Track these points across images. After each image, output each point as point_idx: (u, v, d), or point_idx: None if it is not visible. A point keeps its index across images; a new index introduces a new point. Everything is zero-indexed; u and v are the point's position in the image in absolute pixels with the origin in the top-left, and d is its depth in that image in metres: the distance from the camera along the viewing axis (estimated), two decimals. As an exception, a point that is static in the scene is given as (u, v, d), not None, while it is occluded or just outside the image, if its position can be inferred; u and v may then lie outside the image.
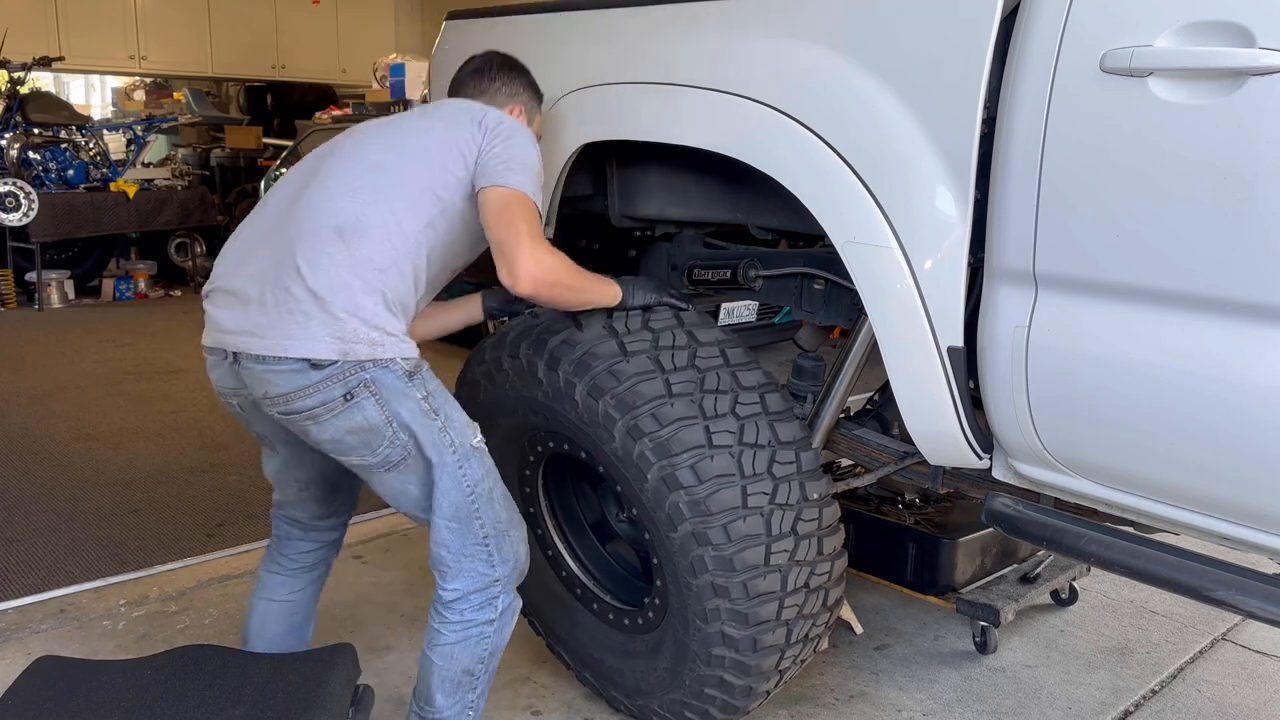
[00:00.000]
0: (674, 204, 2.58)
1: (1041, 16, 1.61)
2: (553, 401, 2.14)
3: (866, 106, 1.83)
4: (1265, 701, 2.58)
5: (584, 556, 2.50)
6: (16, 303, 7.75)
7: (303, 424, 1.90)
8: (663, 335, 2.10)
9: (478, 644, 1.97)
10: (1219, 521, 1.62)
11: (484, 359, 2.32)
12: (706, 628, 2.01)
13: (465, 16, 2.89)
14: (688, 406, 1.99)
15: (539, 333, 2.18)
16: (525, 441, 2.39)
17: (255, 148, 9.46)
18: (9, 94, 7.80)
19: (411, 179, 1.96)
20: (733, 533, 1.94)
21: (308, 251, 1.85)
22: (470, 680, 1.99)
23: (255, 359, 1.88)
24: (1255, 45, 1.39)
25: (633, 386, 2.01)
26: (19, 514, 3.66)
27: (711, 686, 2.08)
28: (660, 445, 1.96)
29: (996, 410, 1.79)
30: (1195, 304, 1.51)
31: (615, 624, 2.38)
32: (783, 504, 2.00)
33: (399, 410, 1.86)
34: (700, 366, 2.06)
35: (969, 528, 2.75)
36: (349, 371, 1.82)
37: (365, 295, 1.84)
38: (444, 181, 1.97)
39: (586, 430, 2.08)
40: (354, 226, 1.87)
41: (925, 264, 1.78)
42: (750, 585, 1.96)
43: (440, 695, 1.98)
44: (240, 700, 1.81)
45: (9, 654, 2.66)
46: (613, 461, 2.07)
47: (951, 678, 2.65)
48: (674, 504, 1.96)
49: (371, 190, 1.93)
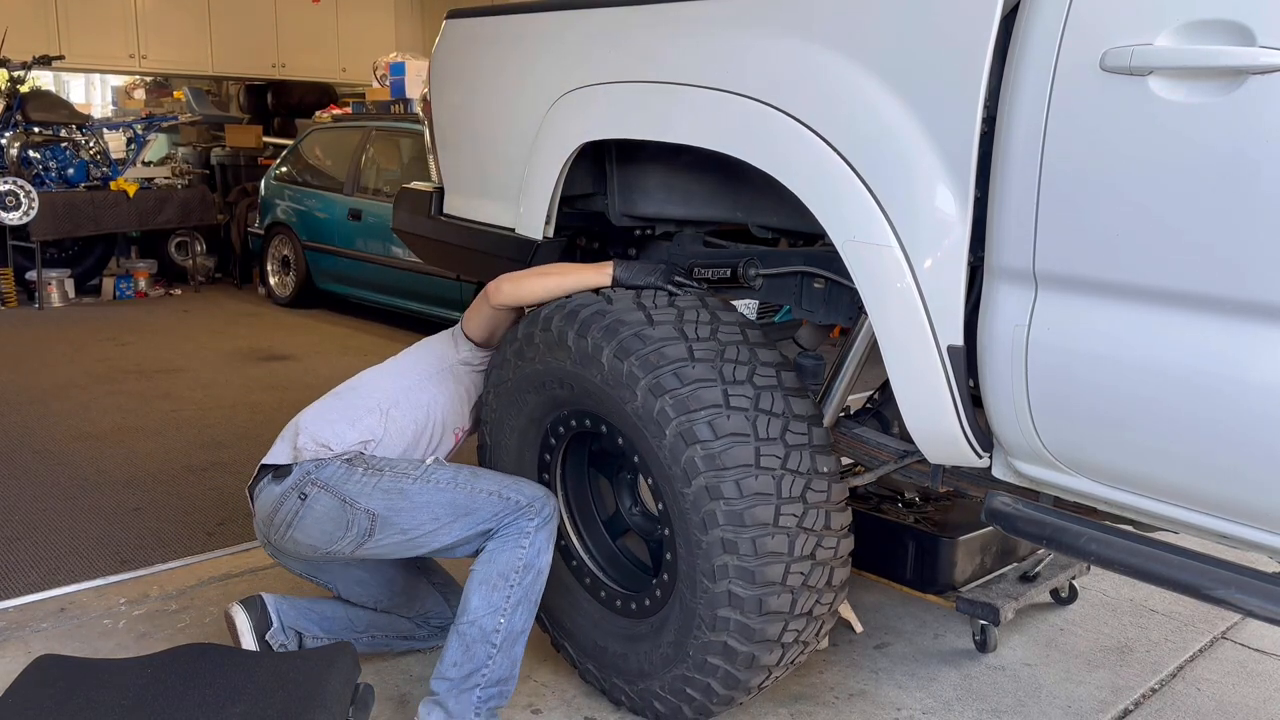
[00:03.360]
0: (674, 203, 2.58)
1: (1041, 15, 1.61)
2: (579, 367, 2.21)
3: (867, 105, 1.83)
4: (1265, 700, 2.58)
5: (594, 546, 2.52)
6: (17, 301, 7.75)
7: (292, 537, 2.26)
8: (687, 311, 2.20)
9: (513, 551, 2.19)
10: (1219, 520, 1.62)
11: (515, 338, 2.40)
12: (714, 587, 2.05)
13: (465, 16, 2.89)
14: (708, 370, 2.08)
15: (571, 308, 2.27)
16: (548, 423, 2.43)
17: (255, 147, 9.46)
18: (9, 93, 7.79)
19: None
20: (744, 488, 2.00)
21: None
22: (503, 583, 2.18)
23: (251, 491, 2.36)
24: (1255, 44, 1.39)
25: (658, 348, 2.10)
26: (19, 512, 3.66)
27: (715, 655, 2.10)
28: (680, 401, 2.04)
29: (996, 409, 1.79)
30: (1195, 303, 1.51)
31: (622, 610, 2.40)
32: (793, 470, 2.06)
33: (346, 489, 2.21)
34: (721, 339, 2.15)
35: (969, 526, 2.75)
36: (301, 476, 2.23)
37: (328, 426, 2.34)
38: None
39: (610, 392, 2.15)
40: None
41: (925, 262, 1.78)
42: (759, 543, 2.01)
43: (475, 598, 2.18)
44: (240, 699, 1.81)
45: (9, 653, 2.66)
46: (633, 423, 2.12)
47: (951, 676, 2.65)
48: (690, 458, 2.02)
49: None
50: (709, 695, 2.17)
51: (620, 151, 2.55)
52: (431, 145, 3.02)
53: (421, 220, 3.08)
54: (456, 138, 2.93)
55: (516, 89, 2.65)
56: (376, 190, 6.97)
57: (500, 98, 2.71)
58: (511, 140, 2.64)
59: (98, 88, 12.96)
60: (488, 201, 2.81)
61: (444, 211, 3.00)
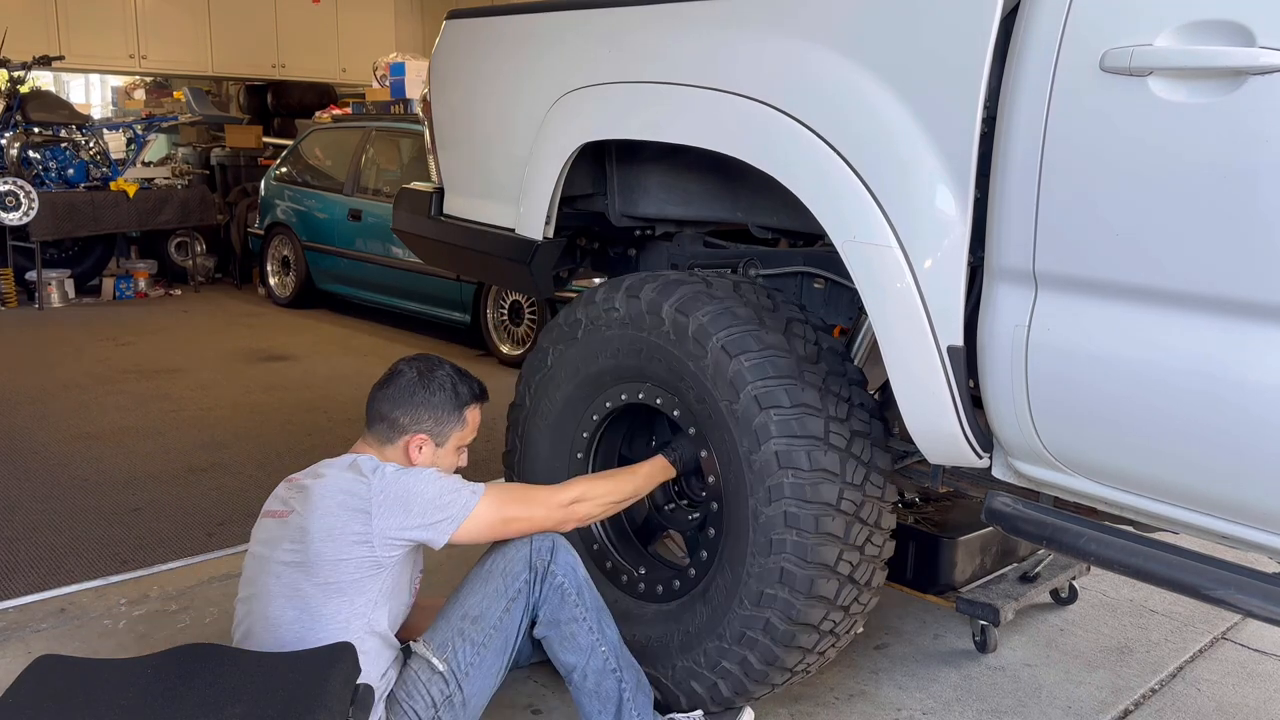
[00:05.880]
0: (674, 203, 2.59)
1: (1041, 16, 1.61)
2: (638, 329, 2.23)
3: (866, 105, 1.83)
4: (1265, 700, 2.58)
5: (613, 532, 2.51)
6: (17, 302, 7.75)
7: None
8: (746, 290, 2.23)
9: (559, 598, 2.12)
10: (1218, 520, 1.61)
11: (594, 299, 2.37)
12: (766, 562, 2.05)
13: (465, 16, 2.89)
14: (781, 340, 2.10)
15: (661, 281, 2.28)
16: (594, 399, 2.42)
17: (255, 147, 9.46)
18: (9, 93, 7.79)
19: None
20: (814, 461, 2.02)
21: None
22: (579, 625, 2.12)
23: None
24: (1255, 44, 1.39)
25: (729, 308, 2.13)
26: (19, 513, 3.66)
27: (756, 629, 2.10)
28: (757, 366, 2.05)
29: (996, 409, 1.79)
30: (1195, 303, 1.51)
31: (645, 594, 2.40)
32: (857, 456, 2.08)
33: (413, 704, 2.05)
34: (786, 316, 2.17)
35: (969, 527, 2.76)
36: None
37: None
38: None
39: (674, 352, 2.16)
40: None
41: (925, 263, 1.78)
42: (820, 521, 2.02)
43: (564, 656, 2.14)
44: (240, 699, 1.81)
45: (9, 653, 2.66)
46: (701, 381, 2.12)
47: (951, 676, 2.65)
48: (763, 423, 2.03)
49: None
50: (747, 670, 2.16)
51: (620, 152, 2.55)
52: (431, 145, 3.02)
53: (421, 220, 3.08)
54: (456, 138, 2.93)
55: (517, 89, 2.65)
56: (376, 190, 6.97)
57: (500, 98, 2.71)
58: (512, 140, 2.64)
59: (98, 88, 12.97)
60: (488, 202, 2.81)
61: (444, 212, 3.00)
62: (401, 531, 1.99)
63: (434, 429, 2.17)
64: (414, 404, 2.16)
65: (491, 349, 6.19)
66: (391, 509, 1.98)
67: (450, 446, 2.21)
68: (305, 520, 1.99)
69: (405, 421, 2.15)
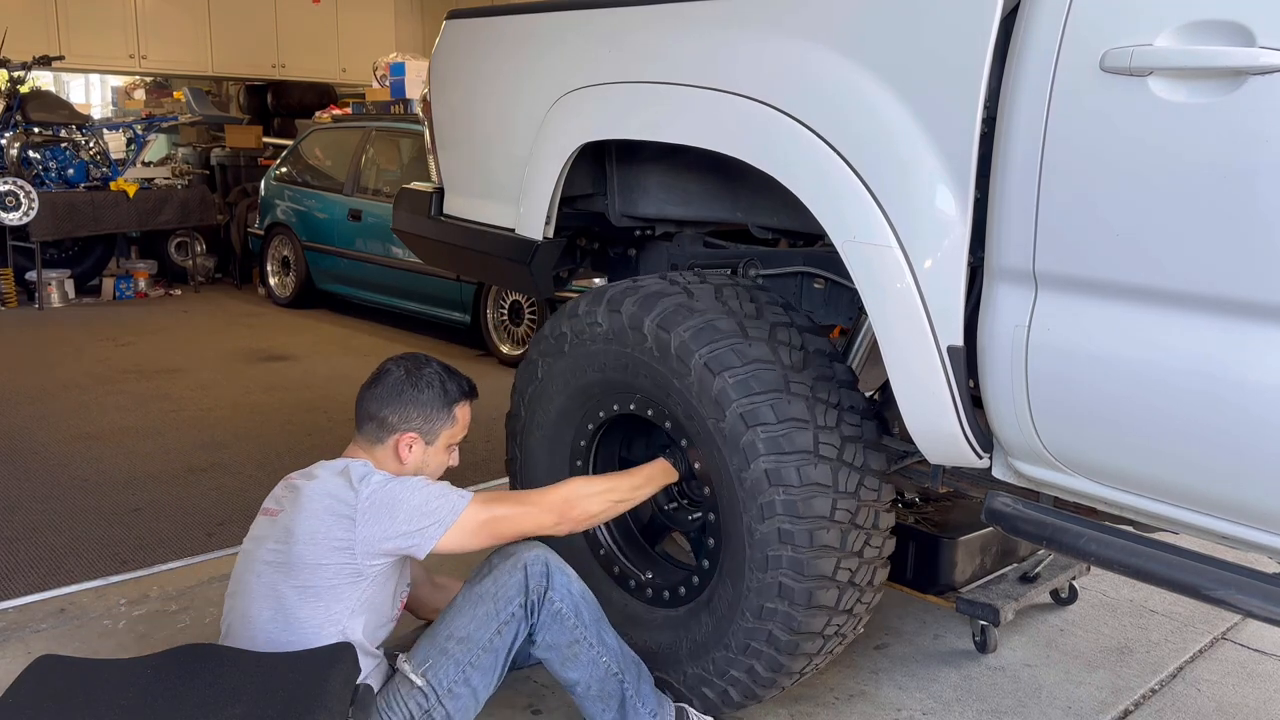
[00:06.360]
0: (674, 203, 2.58)
1: (1041, 16, 1.61)
2: (634, 349, 2.20)
3: (867, 105, 1.83)
4: (1265, 701, 2.58)
5: (619, 535, 2.51)
6: (17, 302, 7.75)
7: None
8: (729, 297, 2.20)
9: (558, 622, 2.10)
10: (1219, 520, 1.61)
11: (560, 330, 2.36)
12: (764, 577, 2.04)
13: (465, 16, 2.89)
14: (765, 351, 2.06)
15: (643, 293, 2.25)
16: (587, 409, 2.40)
17: (255, 147, 9.46)
18: (9, 93, 7.79)
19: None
20: (804, 476, 1.99)
21: None
22: (579, 644, 2.11)
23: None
24: (1255, 44, 1.39)
25: (711, 322, 2.09)
26: (19, 513, 3.66)
27: (760, 641, 2.09)
28: (741, 382, 2.02)
29: (996, 409, 1.79)
30: (1195, 303, 1.51)
31: (653, 599, 2.39)
32: (849, 463, 2.05)
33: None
34: (771, 321, 2.14)
35: (969, 527, 2.75)
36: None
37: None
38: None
39: (658, 368, 2.13)
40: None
41: (925, 263, 1.78)
42: (815, 535, 2.01)
43: (566, 673, 2.14)
44: (240, 699, 1.81)
45: (9, 653, 2.66)
46: (687, 399, 2.09)
47: (951, 677, 2.65)
48: (750, 441, 2.00)
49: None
50: (754, 677, 2.16)
51: (620, 152, 2.55)
52: (431, 145, 3.02)
53: (421, 220, 3.08)
54: (456, 138, 2.93)
55: (517, 89, 2.65)
56: (376, 190, 6.97)
57: (500, 98, 2.71)
58: (512, 140, 2.64)
59: (98, 88, 12.97)
60: (488, 202, 2.81)
61: (444, 212, 3.00)
62: (385, 540, 1.99)
63: (423, 427, 2.17)
64: (402, 402, 2.15)
65: (491, 349, 6.19)
66: (377, 517, 1.98)
67: (440, 444, 2.20)
68: (291, 520, 2.00)
69: (394, 420, 2.15)
